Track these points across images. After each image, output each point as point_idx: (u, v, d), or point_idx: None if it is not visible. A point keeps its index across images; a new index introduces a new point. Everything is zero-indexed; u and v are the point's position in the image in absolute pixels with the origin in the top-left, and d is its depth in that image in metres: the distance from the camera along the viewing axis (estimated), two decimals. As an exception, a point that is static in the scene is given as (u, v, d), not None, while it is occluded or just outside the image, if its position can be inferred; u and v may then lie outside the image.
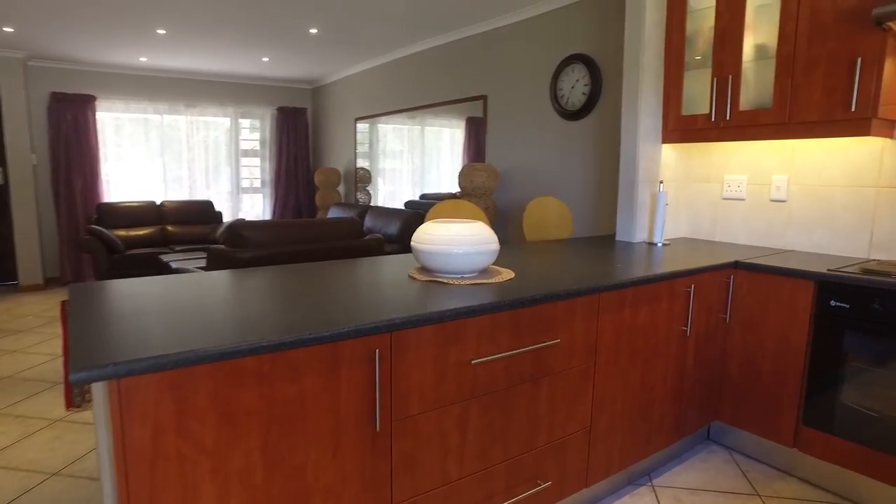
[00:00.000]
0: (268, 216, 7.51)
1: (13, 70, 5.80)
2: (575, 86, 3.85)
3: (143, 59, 5.99)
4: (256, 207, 7.55)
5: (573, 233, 3.74)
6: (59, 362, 3.79)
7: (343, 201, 6.92)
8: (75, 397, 3.15)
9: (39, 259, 6.08)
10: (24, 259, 6.01)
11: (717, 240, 3.08)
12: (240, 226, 2.60)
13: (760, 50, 2.59)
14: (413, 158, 6.10)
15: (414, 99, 5.65)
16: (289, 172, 7.49)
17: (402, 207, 6.04)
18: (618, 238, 3.04)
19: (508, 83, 4.45)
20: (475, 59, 4.75)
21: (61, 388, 3.34)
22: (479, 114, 4.99)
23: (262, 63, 6.20)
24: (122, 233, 5.99)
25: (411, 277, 1.86)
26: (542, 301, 1.64)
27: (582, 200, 3.90)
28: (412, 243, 1.92)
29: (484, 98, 4.68)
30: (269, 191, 7.51)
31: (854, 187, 2.55)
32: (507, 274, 1.92)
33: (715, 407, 2.52)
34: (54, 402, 3.15)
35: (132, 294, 1.53)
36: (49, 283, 6.22)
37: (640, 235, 3.00)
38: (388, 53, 5.77)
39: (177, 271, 4.62)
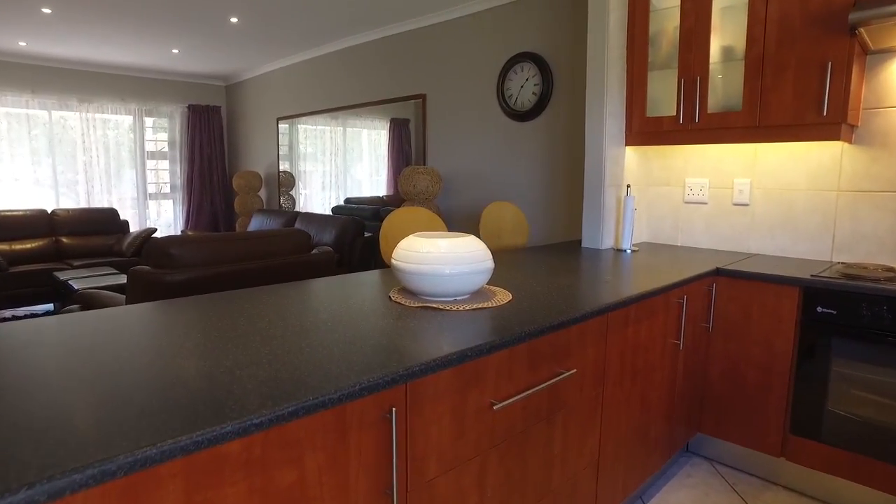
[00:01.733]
0: (180, 224, 6.83)
1: None
2: (524, 85, 3.70)
3: (21, 44, 5.19)
4: (166, 214, 6.84)
5: (529, 239, 3.59)
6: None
7: (265, 207, 6.42)
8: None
9: None
10: None
11: (679, 244, 3.04)
12: (166, 242, 2.20)
13: (727, 52, 2.55)
14: (336, 161, 5.78)
15: (343, 97, 5.30)
16: (202, 176, 6.85)
17: (330, 213, 5.67)
18: (584, 245, 2.92)
19: (450, 82, 4.24)
20: (412, 55, 4.50)
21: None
22: (408, 115, 4.78)
23: (171, 55, 5.59)
24: (3, 247, 5.16)
25: (395, 302, 1.59)
26: (560, 327, 1.43)
27: (534, 205, 3.76)
28: (393, 261, 1.65)
29: (422, 97, 4.44)
30: (180, 196, 6.83)
31: (816, 190, 2.56)
32: (502, 294, 1.69)
33: (697, 418, 2.44)
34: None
35: (17, 351, 1.15)
36: None
37: (608, 242, 2.89)
38: (315, 48, 5.38)
39: (79, 292, 4.00)
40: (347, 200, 5.71)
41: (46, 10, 4.12)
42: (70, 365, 1.03)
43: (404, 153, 5.15)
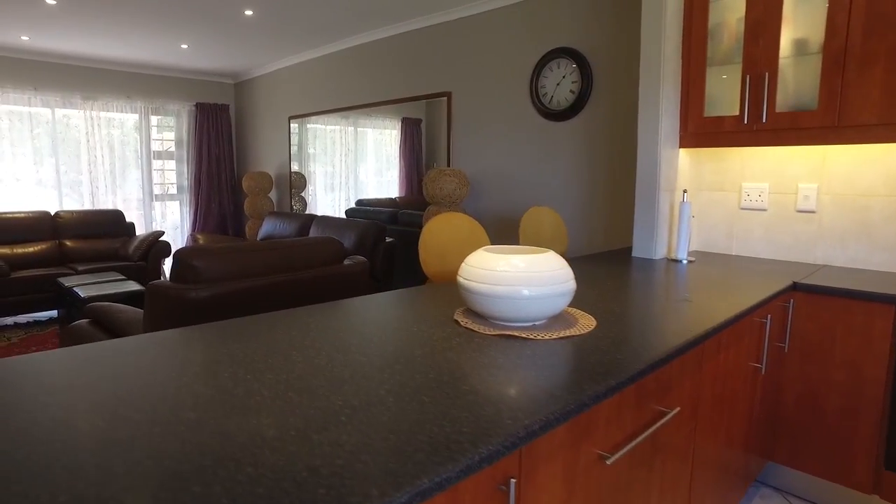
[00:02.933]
0: (187, 226, 6.61)
1: None
2: (561, 83, 3.49)
3: (24, 38, 4.96)
4: (172, 216, 6.62)
5: (567, 248, 3.37)
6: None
7: (276, 209, 6.20)
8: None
9: None
10: None
11: (734, 254, 2.82)
12: (189, 253, 1.98)
13: (800, 44, 2.33)
14: (346, 162, 5.60)
15: (358, 96, 5.09)
16: (210, 177, 6.63)
17: (343, 216, 5.46)
18: (635, 254, 2.70)
19: (478, 79, 4.02)
20: (437, 51, 4.28)
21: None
22: (419, 115, 4.66)
23: (179, 51, 5.36)
24: (4, 250, 4.94)
25: (466, 328, 1.37)
26: (667, 360, 1.22)
27: (570, 210, 3.55)
28: (462, 280, 1.43)
29: (447, 95, 4.22)
30: (187, 197, 6.61)
31: None
32: (583, 318, 1.48)
33: (769, 447, 2.23)
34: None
35: (22, 403, 0.94)
36: None
37: (661, 251, 2.67)
38: (331, 43, 5.16)
39: (85, 300, 3.79)
40: (359, 202, 5.52)
41: (51, 2, 3.90)
42: (89, 426, 0.82)
43: (416, 154, 4.96)
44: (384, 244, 4.22)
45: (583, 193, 3.49)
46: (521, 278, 1.35)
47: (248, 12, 4.11)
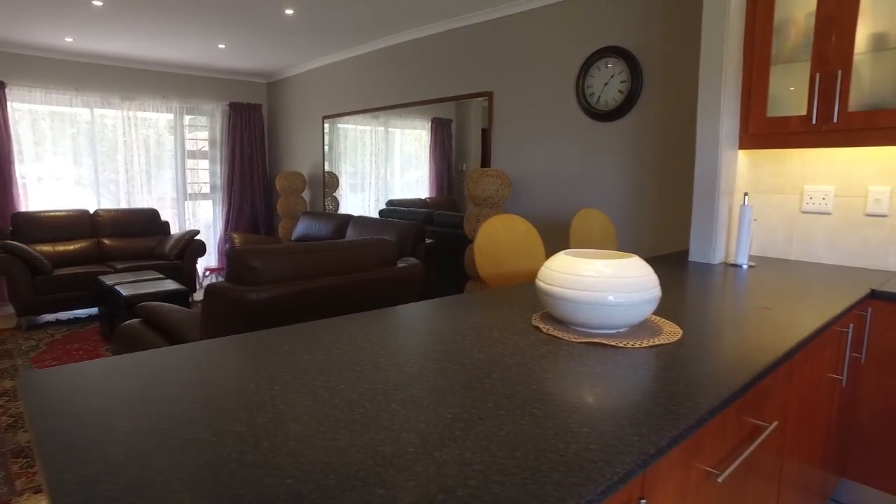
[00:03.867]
0: (220, 225, 6.65)
1: None
2: (609, 82, 3.41)
3: (68, 40, 5.03)
4: (205, 215, 6.67)
5: (616, 250, 3.29)
6: None
7: (310, 209, 6.20)
8: (1, 493, 2.36)
9: (-62, 281, 5.00)
10: (-82, 282, 4.91)
11: (793, 259, 2.72)
12: (247, 253, 1.95)
13: (878, 39, 2.23)
14: (376, 162, 5.59)
15: (392, 96, 5.06)
16: (243, 176, 6.66)
17: (375, 216, 5.43)
18: (692, 258, 2.61)
19: (521, 78, 3.96)
20: (479, 50, 4.23)
21: (-17, 467, 2.52)
22: (449, 115, 4.67)
23: (216, 51, 5.39)
24: (46, 248, 5.01)
25: (550, 335, 1.31)
26: (767, 373, 1.15)
27: (617, 212, 3.47)
28: (542, 284, 1.38)
29: (489, 95, 4.16)
30: (220, 197, 6.65)
31: (973, 201, 2.23)
32: (668, 326, 1.41)
33: (842, 463, 2.13)
34: (-25, 489, 2.34)
35: (121, 407, 0.90)
36: (-49, 310, 5.12)
37: (719, 255, 2.58)
38: (368, 43, 5.14)
39: (127, 299, 3.81)
40: (389, 203, 5.50)
41: (97, 3, 3.94)
42: (195, 436, 0.78)
43: (446, 154, 4.93)
44: (424, 245, 4.18)
45: (631, 195, 3.41)
46: (608, 284, 1.29)
47: (289, 11, 4.10)
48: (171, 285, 4.15)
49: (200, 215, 6.64)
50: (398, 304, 2.32)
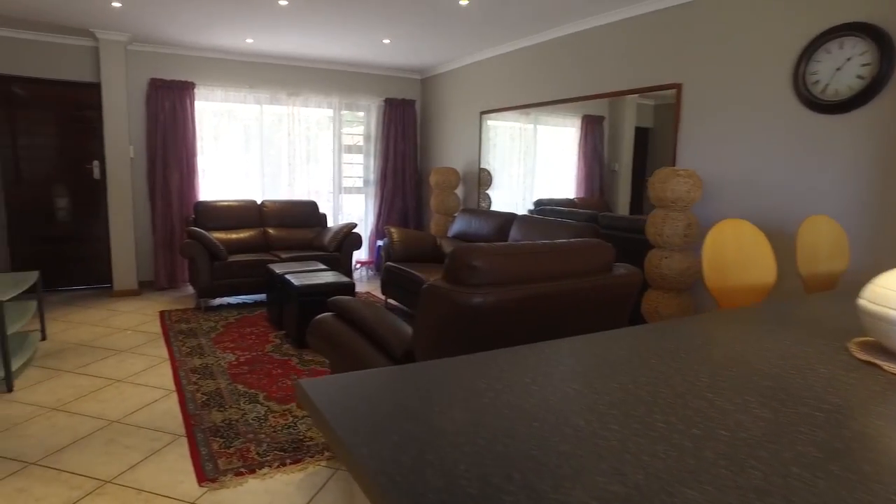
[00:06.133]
0: (371, 220, 6.80)
1: (115, 55, 5.28)
2: (843, 67, 2.88)
3: (249, 41, 5.35)
4: (357, 210, 6.85)
5: (849, 264, 2.77)
6: (173, 401, 3.12)
7: (464, 207, 6.11)
8: (207, 470, 2.44)
9: (134, 262, 5.55)
10: (119, 262, 5.49)
11: None
12: (468, 252, 1.80)
13: None
14: (525, 160, 5.39)
15: (554, 91, 4.79)
16: (395, 171, 6.75)
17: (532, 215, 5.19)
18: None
19: (717, 66, 3.51)
20: (666, 38, 3.83)
21: (184, 446, 2.65)
22: (602, 112, 4.45)
23: (379, 46, 5.46)
24: (220, 235, 5.37)
25: (876, 366, 0.98)
26: None
27: (847, 220, 2.93)
28: (873, 307, 1.05)
29: (677, 87, 3.75)
30: (372, 191, 6.80)
31: None
32: None
33: None
34: (180, 468, 2.44)
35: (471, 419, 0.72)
36: (143, 288, 5.68)
37: None
38: (539, 33, 4.90)
39: (298, 289, 3.91)
40: (538, 203, 5.27)
41: (283, 2, 4.08)
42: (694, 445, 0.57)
43: (597, 153, 4.59)
44: (592, 249, 3.87)
45: (868, 201, 2.86)
46: None
47: (464, 2, 3.98)
48: (336, 277, 4.23)
49: (351, 209, 6.83)
50: (615, 314, 2.06)
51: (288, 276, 4.19)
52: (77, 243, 5.64)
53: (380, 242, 6.60)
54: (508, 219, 4.72)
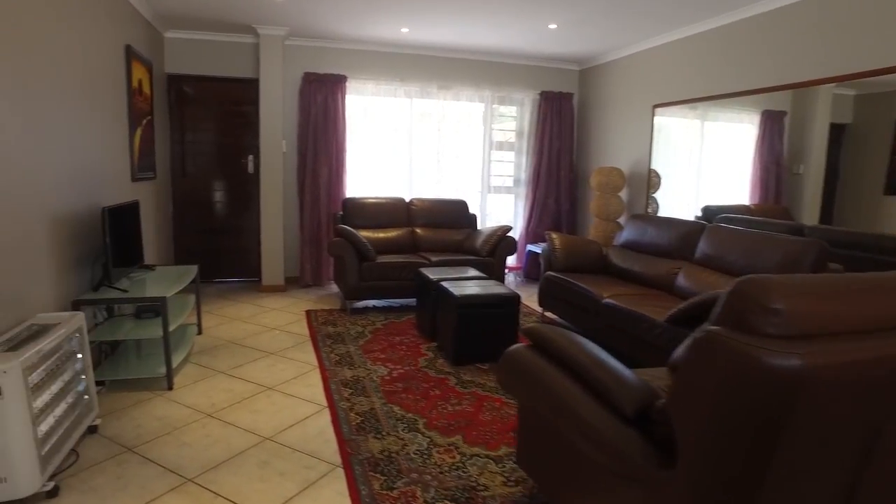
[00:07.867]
0: (520, 222, 6.27)
1: (274, 50, 5.24)
2: None
3: (404, 30, 5.04)
4: (506, 211, 6.36)
5: None
6: (326, 420, 2.81)
7: (632, 212, 5.39)
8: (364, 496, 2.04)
9: (282, 257, 5.51)
10: (269, 257, 5.47)
11: None
12: (764, 287, 1.18)
13: None
14: (691, 160, 4.61)
15: (734, 81, 3.99)
16: (550, 170, 6.17)
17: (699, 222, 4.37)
18: None
19: None
20: (888, 6, 2.87)
21: (342, 481, 2.29)
22: (784, 106, 3.75)
23: (545, 32, 4.90)
24: (367, 234, 5.12)
25: None
26: None
27: None
28: None
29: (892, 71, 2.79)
30: (523, 191, 6.26)
31: None
32: None
33: None
34: (338, 499, 2.07)
35: None
36: (288, 284, 5.63)
37: None
38: (722, 14, 4.11)
39: (458, 299, 3.48)
40: (705, 209, 4.46)
41: (451, -21, 3.67)
42: None
43: (774, 153, 3.88)
44: (826, 273, 3.03)
45: None
46: None
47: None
48: (498, 288, 3.75)
49: (496, 210, 6.36)
50: None
51: (444, 284, 3.78)
52: (230, 236, 5.72)
53: (530, 247, 6.05)
54: (696, 228, 3.94)
